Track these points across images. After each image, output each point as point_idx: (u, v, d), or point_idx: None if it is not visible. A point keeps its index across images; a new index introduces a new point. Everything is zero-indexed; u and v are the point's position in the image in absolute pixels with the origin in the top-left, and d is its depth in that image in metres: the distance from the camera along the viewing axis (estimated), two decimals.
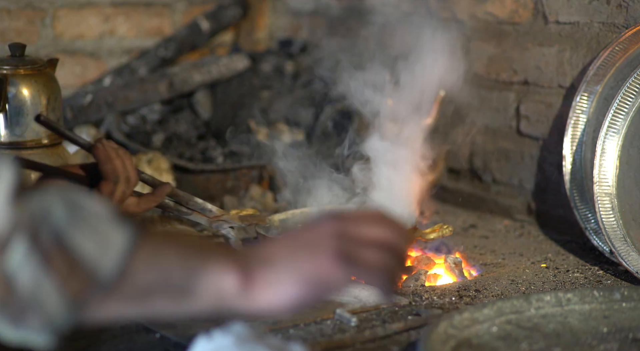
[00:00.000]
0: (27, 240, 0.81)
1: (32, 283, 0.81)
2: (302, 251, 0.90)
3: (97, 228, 0.84)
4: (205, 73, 2.40)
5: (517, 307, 1.27)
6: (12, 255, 0.80)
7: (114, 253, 0.84)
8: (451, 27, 1.94)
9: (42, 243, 0.81)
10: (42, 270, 0.81)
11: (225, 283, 0.88)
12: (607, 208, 1.57)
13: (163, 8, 2.59)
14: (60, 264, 0.82)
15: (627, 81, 1.56)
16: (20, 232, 0.81)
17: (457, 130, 2.15)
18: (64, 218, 0.83)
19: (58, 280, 0.82)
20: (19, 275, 0.81)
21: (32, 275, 0.81)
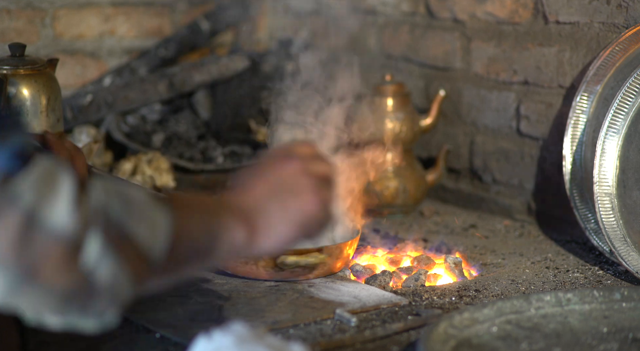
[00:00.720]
0: (99, 236, 0.86)
1: (111, 275, 0.87)
2: (286, 195, 1.03)
3: (145, 214, 0.92)
4: (205, 73, 2.39)
5: (517, 307, 1.27)
6: (89, 252, 0.86)
7: (162, 235, 0.93)
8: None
9: (112, 237, 0.87)
10: (118, 261, 0.88)
11: (236, 237, 1.00)
12: (607, 208, 1.57)
13: (163, 8, 2.59)
14: (128, 253, 0.89)
15: (627, 81, 1.56)
16: (91, 230, 0.86)
17: (457, 130, 2.16)
18: (121, 210, 0.89)
19: (130, 268, 0.89)
20: (98, 269, 0.86)
21: (110, 267, 0.87)
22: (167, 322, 1.34)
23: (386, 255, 1.70)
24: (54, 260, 0.84)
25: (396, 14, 2.30)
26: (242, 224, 1.01)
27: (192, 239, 0.98)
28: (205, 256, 1.00)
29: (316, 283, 1.53)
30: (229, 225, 1.00)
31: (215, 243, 1.00)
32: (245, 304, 1.42)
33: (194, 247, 0.98)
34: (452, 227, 1.98)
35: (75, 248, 0.85)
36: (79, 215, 0.85)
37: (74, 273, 0.85)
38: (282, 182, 1.04)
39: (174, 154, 2.22)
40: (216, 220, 1.00)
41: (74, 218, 0.85)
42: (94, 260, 0.86)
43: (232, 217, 1.01)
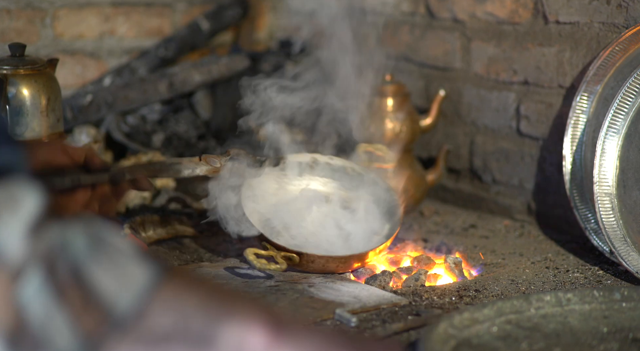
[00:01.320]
0: (42, 271, 0.76)
1: (43, 315, 0.76)
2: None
3: (118, 263, 0.79)
4: (205, 73, 2.40)
5: (517, 307, 1.27)
6: (26, 285, 0.76)
7: (133, 290, 0.78)
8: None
9: (58, 275, 0.77)
10: (55, 302, 0.77)
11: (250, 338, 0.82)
12: (607, 208, 1.57)
13: (163, 8, 2.59)
14: (74, 297, 0.77)
15: (627, 81, 1.56)
16: (36, 262, 0.76)
17: (457, 130, 2.16)
18: (84, 250, 0.78)
19: (71, 314, 0.77)
20: (31, 307, 0.76)
21: (44, 307, 0.76)
22: None
23: (386, 255, 1.70)
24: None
25: (396, 14, 2.31)
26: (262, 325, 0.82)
27: (183, 315, 0.80)
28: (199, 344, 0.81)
29: (316, 283, 1.53)
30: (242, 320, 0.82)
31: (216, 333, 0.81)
32: None
33: (183, 326, 0.80)
34: (452, 227, 1.98)
35: (13, 277, 0.76)
36: (29, 244, 0.76)
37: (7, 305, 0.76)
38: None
39: (174, 154, 2.22)
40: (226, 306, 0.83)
41: (22, 246, 0.76)
42: (29, 294, 0.76)
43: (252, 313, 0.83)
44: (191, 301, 0.81)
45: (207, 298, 0.82)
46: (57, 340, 0.77)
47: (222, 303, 0.82)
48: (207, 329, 0.81)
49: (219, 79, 2.41)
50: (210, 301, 0.82)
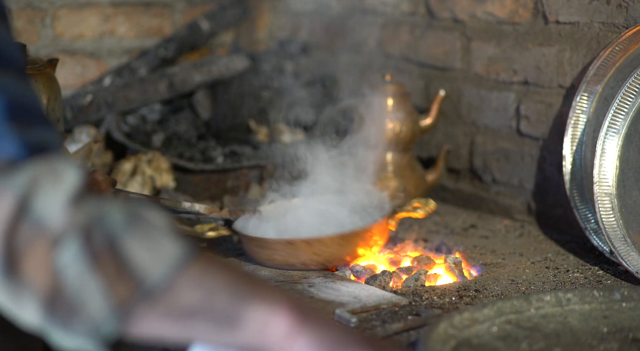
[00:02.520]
0: (79, 239, 0.81)
1: (78, 281, 0.80)
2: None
3: (152, 237, 0.83)
4: (205, 73, 2.40)
5: (517, 307, 1.27)
6: (63, 252, 0.80)
7: (165, 263, 0.82)
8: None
9: (94, 244, 0.81)
10: (90, 269, 0.80)
11: (273, 322, 0.84)
12: (607, 208, 1.57)
13: (163, 8, 2.59)
14: (108, 266, 0.81)
15: (627, 81, 1.56)
16: (75, 231, 0.80)
17: (457, 130, 2.16)
18: (121, 223, 0.82)
19: (104, 282, 0.81)
20: (67, 272, 0.80)
21: (79, 273, 0.80)
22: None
23: (386, 255, 1.70)
24: (33, 252, 0.80)
25: (396, 14, 2.30)
26: (287, 311, 0.85)
27: (210, 292, 0.84)
28: (224, 323, 0.84)
29: (316, 283, 1.53)
30: (268, 303, 0.85)
31: (242, 313, 0.84)
32: None
33: (209, 303, 0.83)
34: (452, 227, 1.98)
35: (53, 244, 0.80)
36: (69, 214, 0.81)
37: (47, 272, 0.81)
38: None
39: (174, 154, 2.22)
40: (253, 288, 0.85)
41: (63, 215, 0.81)
42: (65, 261, 0.81)
43: (278, 298, 0.86)
44: (219, 280, 0.84)
45: (234, 279, 0.85)
46: (90, 306, 0.80)
47: (248, 285, 0.85)
48: (233, 309, 0.83)
49: (219, 79, 2.41)
50: (237, 283, 0.85)
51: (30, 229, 0.80)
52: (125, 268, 0.81)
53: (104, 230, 0.82)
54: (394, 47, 2.31)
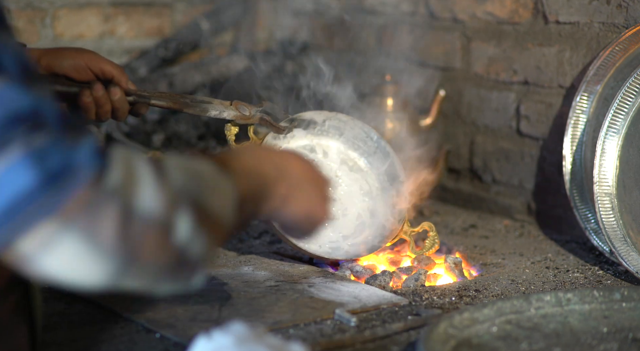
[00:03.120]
0: (188, 215, 0.93)
1: (201, 249, 0.95)
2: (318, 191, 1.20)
3: (216, 186, 1.00)
4: (205, 73, 2.40)
5: (517, 307, 1.27)
6: (180, 231, 0.92)
7: (231, 202, 1.01)
8: None
9: (197, 214, 0.95)
10: (206, 236, 0.96)
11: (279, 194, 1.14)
12: (607, 208, 1.57)
13: (163, 8, 2.59)
14: (210, 225, 0.97)
15: (627, 81, 1.56)
16: (179, 209, 0.93)
17: (457, 130, 2.16)
18: (198, 187, 0.96)
19: (213, 239, 0.98)
20: (191, 245, 0.94)
21: (200, 243, 0.95)
22: (167, 322, 1.34)
23: (386, 255, 1.70)
24: (150, 242, 0.91)
25: (396, 14, 2.30)
26: (284, 185, 1.14)
27: (251, 200, 1.08)
28: (256, 214, 1.12)
29: (316, 283, 1.53)
30: (276, 185, 1.13)
31: (265, 202, 1.12)
32: (245, 304, 1.42)
33: (252, 206, 1.09)
34: (452, 227, 1.98)
35: (166, 228, 0.91)
36: (163, 197, 0.91)
37: (168, 251, 0.92)
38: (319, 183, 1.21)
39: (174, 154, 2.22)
40: (266, 182, 1.12)
41: (161, 201, 0.91)
42: (185, 238, 0.93)
43: (281, 178, 1.14)
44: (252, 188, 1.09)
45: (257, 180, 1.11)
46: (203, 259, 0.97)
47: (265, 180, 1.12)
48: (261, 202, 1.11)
49: (219, 79, 2.41)
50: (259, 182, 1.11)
51: (141, 225, 0.89)
52: (216, 220, 0.98)
53: (193, 198, 0.95)
54: (394, 47, 2.31)
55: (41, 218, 0.85)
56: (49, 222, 0.85)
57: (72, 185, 0.85)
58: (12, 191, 0.84)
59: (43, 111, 0.86)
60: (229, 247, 1.77)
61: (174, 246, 0.93)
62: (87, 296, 1.45)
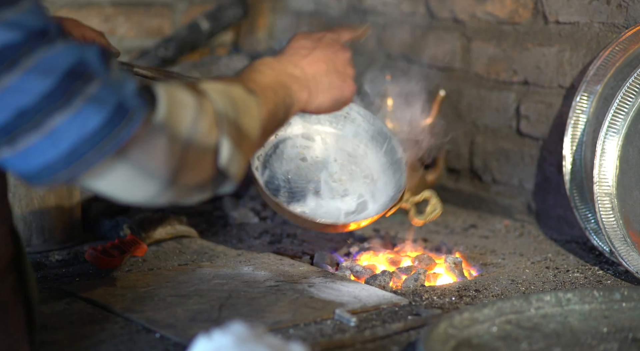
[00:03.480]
0: (228, 140, 1.06)
1: (239, 168, 1.08)
2: (336, 76, 1.32)
3: (246, 107, 1.11)
4: (205, 73, 2.40)
5: (517, 307, 1.27)
6: (222, 153, 1.05)
7: (259, 120, 1.14)
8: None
9: (234, 136, 1.07)
10: (242, 156, 1.09)
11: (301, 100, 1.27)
12: (607, 208, 1.57)
13: (163, 8, 2.59)
14: (244, 144, 1.09)
15: (627, 81, 1.56)
16: (221, 134, 1.05)
17: (457, 130, 2.16)
18: (233, 110, 1.08)
19: (247, 156, 1.11)
20: (231, 166, 1.07)
21: (239, 163, 1.08)
22: (167, 322, 1.34)
23: (386, 255, 1.71)
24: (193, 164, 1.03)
25: (396, 14, 2.30)
26: (305, 90, 1.28)
27: (276, 114, 1.20)
28: (282, 122, 1.24)
29: (316, 283, 1.53)
30: (298, 95, 1.26)
31: (289, 111, 1.25)
32: (245, 304, 1.42)
33: (277, 119, 1.21)
34: (452, 227, 1.98)
35: (209, 150, 1.04)
36: (203, 123, 1.03)
37: (213, 171, 1.05)
38: (336, 66, 1.33)
39: None
40: (290, 93, 1.24)
41: (201, 126, 1.02)
42: (227, 159, 1.06)
43: (300, 85, 1.27)
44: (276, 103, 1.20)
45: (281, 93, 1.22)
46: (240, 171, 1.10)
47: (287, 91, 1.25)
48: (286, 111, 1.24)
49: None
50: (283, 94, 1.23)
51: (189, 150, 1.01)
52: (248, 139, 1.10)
53: (231, 121, 1.07)
54: (394, 47, 2.31)
55: (103, 157, 0.96)
56: (109, 158, 0.96)
57: (130, 125, 0.96)
58: (78, 135, 0.94)
59: (88, 60, 0.95)
60: (229, 247, 1.77)
61: (215, 166, 1.05)
62: (87, 297, 1.45)
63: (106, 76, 0.96)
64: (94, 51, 0.97)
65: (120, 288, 1.50)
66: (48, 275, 1.60)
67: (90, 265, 1.63)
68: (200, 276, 1.56)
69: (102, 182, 0.99)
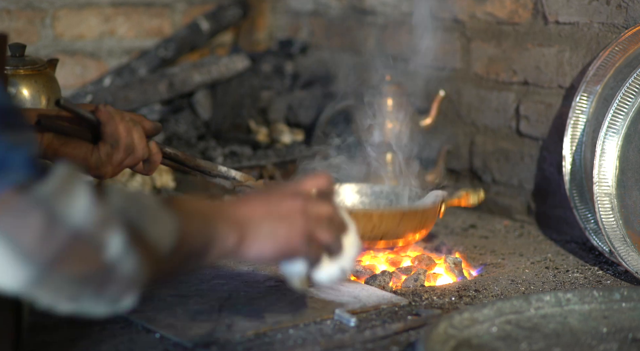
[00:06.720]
0: (121, 234, 0.95)
1: (132, 269, 0.97)
2: (280, 223, 1.15)
3: (157, 216, 1.02)
4: (205, 73, 2.40)
5: (517, 307, 1.27)
6: (112, 248, 0.94)
7: (170, 235, 1.03)
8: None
9: (132, 235, 0.97)
10: (138, 257, 0.97)
11: (227, 243, 1.11)
12: (607, 208, 1.57)
13: (163, 8, 2.59)
14: (144, 250, 0.98)
15: (627, 81, 1.56)
16: (113, 228, 0.95)
17: (457, 130, 2.16)
18: (137, 212, 0.99)
19: (146, 263, 0.98)
20: (121, 263, 0.95)
21: (132, 262, 0.96)
22: (167, 322, 1.34)
23: (386, 255, 1.71)
24: (75, 253, 0.92)
25: (396, 14, 2.31)
26: (234, 233, 1.12)
27: (193, 240, 1.07)
28: (200, 256, 1.10)
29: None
30: (224, 232, 1.11)
31: (210, 245, 1.10)
32: (245, 304, 1.42)
33: (193, 247, 1.08)
34: (452, 227, 1.98)
35: (95, 242, 0.93)
36: (97, 214, 0.93)
37: (95, 265, 0.94)
38: (279, 211, 1.16)
39: None
40: (214, 225, 1.10)
41: (93, 216, 0.93)
42: (116, 255, 0.95)
43: (228, 225, 1.12)
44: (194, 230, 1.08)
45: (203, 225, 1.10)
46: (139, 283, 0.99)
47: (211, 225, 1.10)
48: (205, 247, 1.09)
49: (219, 79, 2.41)
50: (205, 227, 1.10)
51: (67, 236, 0.91)
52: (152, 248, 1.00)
53: (131, 222, 0.98)
54: (394, 47, 2.31)
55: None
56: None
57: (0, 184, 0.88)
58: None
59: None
60: None
61: (102, 261, 0.94)
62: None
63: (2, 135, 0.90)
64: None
65: None
66: None
67: None
68: (200, 277, 1.56)
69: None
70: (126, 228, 0.96)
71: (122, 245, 0.95)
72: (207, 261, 1.13)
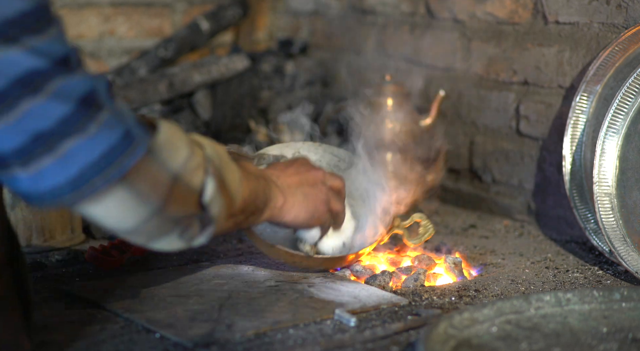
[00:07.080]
0: (213, 180, 1.15)
1: (218, 209, 1.17)
2: (310, 190, 1.41)
3: (231, 167, 1.21)
4: (205, 73, 2.40)
5: (517, 307, 1.27)
6: (207, 192, 1.14)
7: (241, 185, 1.24)
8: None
9: (219, 181, 1.16)
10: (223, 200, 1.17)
11: (277, 204, 1.36)
12: (607, 208, 1.57)
13: (163, 8, 2.59)
14: (226, 195, 1.18)
15: (627, 81, 1.56)
16: (207, 175, 1.14)
17: (457, 130, 2.16)
18: (220, 162, 1.18)
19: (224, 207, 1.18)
20: (212, 205, 1.15)
21: (219, 204, 1.16)
22: (167, 322, 1.34)
23: (386, 255, 1.71)
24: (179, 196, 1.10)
25: (396, 14, 2.31)
26: (281, 196, 1.36)
27: (256, 197, 1.29)
28: (258, 214, 1.32)
29: (316, 283, 1.53)
30: (275, 194, 1.35)
31: (266, 205, 1.33)
32: (245, 304, 1.42)
33: (255, 202, 1.29)
34: (452, 227, 1.98)
35: (195, 187, 1.12)
36: (194, 162, 1.12)
37: (194, 207, 1.13)
38: (308, 179, 1.41)
39: None
40: (270, 187, 1.34)
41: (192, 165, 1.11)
42: (209, 198, 1.14)
43: (277, 189, 1.36)
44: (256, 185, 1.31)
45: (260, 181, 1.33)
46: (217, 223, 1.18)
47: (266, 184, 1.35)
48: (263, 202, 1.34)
49: (219, 79, 2.41)
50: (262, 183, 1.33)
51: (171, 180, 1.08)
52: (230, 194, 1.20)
53: (217, 169, 1.16)
54: (394, 47, 2.32)
55: (107, 182, 1.00)
56: (113, 184, 1.02)
57: (134, 153, 1.02)
58: (86, 160, 0.99)
59: (98, 90, 1.00)
60: (229, 247, 1.77)
61: (201, 204, 1.13)
62: (87, 297, 1.45)
63: (112, 105, 1.01)
64: (102, 82, 1.02)
65: (120, 288, 1.50)
66: (48, 275, 1.60)
67: (90, 265, 1.63)
68: (200, 277, 1.56)
69: (98, 207, 1.03)
70: (216, 176, 1.15)
71: (213, 188, 1.14)
72: (260, 220, 1.34)
